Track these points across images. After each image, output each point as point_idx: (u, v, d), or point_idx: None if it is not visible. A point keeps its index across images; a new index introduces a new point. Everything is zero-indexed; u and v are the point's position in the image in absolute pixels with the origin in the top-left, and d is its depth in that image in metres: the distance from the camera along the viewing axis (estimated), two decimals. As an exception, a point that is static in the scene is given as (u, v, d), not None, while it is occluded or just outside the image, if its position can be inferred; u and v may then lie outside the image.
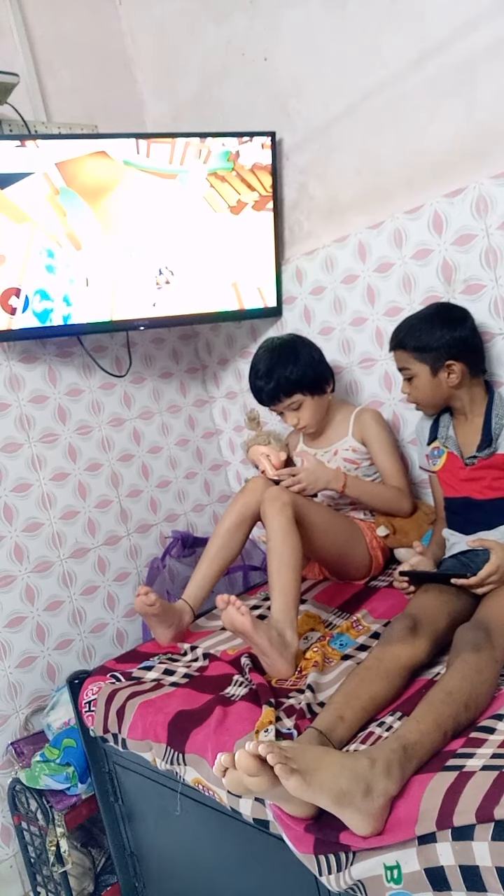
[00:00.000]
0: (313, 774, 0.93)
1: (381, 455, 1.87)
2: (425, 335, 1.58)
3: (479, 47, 1.62)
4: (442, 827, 0.90)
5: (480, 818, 0.87)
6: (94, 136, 1.94)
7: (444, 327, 1.58)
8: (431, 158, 1.78)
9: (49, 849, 1.74)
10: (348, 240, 2.00)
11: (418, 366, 1.60)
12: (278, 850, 1.18)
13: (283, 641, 1.43)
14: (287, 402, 1.85)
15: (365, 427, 1.89)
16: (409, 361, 1.62)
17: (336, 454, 1.92)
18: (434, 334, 1.57)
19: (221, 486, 2.61)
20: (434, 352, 1.57)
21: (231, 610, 1.39)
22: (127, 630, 2.22)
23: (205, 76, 2.29)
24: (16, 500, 2.02)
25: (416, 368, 1.60)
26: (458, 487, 1.60)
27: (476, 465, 1.57)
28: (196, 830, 1.42)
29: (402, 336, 1.63)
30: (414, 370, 1.61)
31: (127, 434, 2.33)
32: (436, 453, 1.67)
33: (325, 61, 1.94)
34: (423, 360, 1.59)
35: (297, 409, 1.87)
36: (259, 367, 1.85)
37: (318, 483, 1.75)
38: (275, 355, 1.84)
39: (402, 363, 1.64)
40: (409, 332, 1.62)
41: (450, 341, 1.56)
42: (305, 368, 1.82)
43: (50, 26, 2.24)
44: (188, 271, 2.11)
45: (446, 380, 1.58)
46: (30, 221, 1.86)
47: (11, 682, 1.95)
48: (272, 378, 1.82)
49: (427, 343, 1.58)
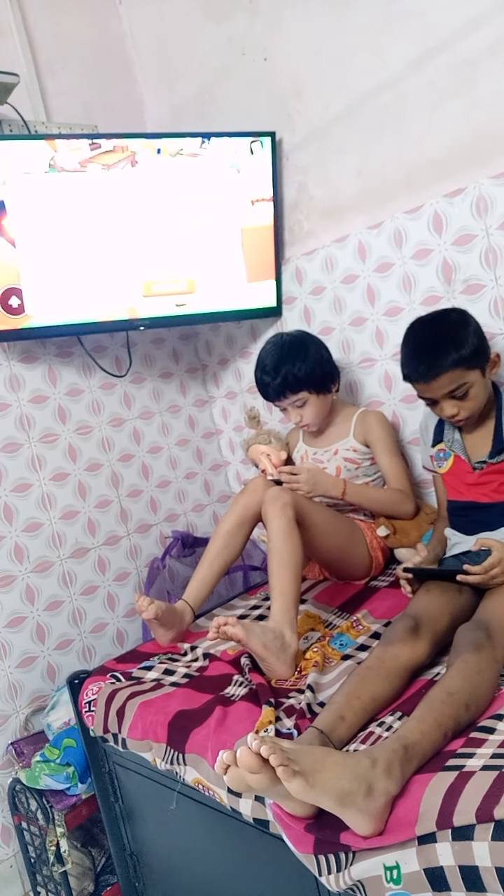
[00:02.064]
0: (315, 776, 0.93)
1: (385, 457, 1.87)
2: (464, 341, 1.46)
3: (479, 47, 1.62)
4: (442, 827, 0.90)
5: (480, 818, 0.87)
6: (94, 136, 1.94)
7: (468, 325, 1.49)
8: (431, 158, 1.78)
9: (49, 849, 1.74)
10: (348, 240, 2.00)
11: (472, 374, 1.47)
12: (278, 851, 1.18)
13: (281, 642, 1.43)
14: (292, 399, 1.84)
15: (369, 429, 1.89)
16: (462, 376, 1.47)
17: (336, 454, 1.92)
18: (471, 336, 1.47)
19: (221, 487, 2.61)
20: (481, 351, 1.48)
21: (223, 629, 1.40)
22: (127, 630, 2.22)
23: (205, 76, 2.29)
24: (16, 500, 2.02)
25: (472, 378, 1.47)
26: (463, 491, 1.57)
27: (485, 469, 1.52)
28: (196, 831, 1.42)
29: (444, 355, 1.47)
30: (470, 380, 1.47)
31: (127, 434, 2.33)
32: (441, 455, 1.62)
33: (325, 61, 1.94)
34: (474, 366, 1.47)
35: (301, 407, 1.86)
36: (266, 361, 1.84)
37: (318, 489, 1.75)
38: (283, 351, 1.83)
39: (455, 382, 1.47)
40: (448, 347, 1.47)
41: (480, 333, 1.49)
42: (313, 366, 1.82)
43: (50, 26, 2.24)
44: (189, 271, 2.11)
45: (490, 375, 1.51)
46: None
47: (11, 682, 1.95)
48: (279, 374, 1.81)
49: (474, 347, 1.46)
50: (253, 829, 1.22)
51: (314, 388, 1.83)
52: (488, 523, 1.52)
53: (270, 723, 1.22)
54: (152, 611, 1.61)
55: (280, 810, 1.03)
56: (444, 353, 1.45)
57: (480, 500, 1.54)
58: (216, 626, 1.40)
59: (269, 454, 1.90)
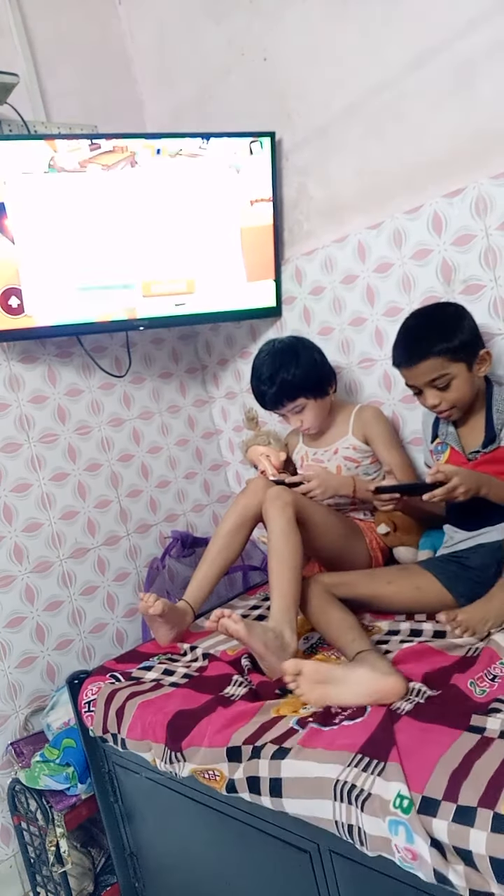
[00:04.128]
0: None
1: (386, 450, 1.87)
2: (452, 332, 1.49)
3: (479, 47, 1.62)
4: (448, 799, 0.92)
5: (482, 804, 0.88)
6: (93, 136, 1.94)
7: (462, 319, 1.52)
8: (431, 158, 1.78)
9: (49, 849, 1.74)
10: (348, 240, 2.00)
11: (455, 366, 1.50)
12: (278, 850, 1.19)
13: (281, 642, 1.43)
14: (290, 406, 1.85)
15: (366, 425, 1.89)
16: (444, 366, 1.49)
17: (336, 453, 1.92)
18: (460, 328, 1.50)
19: (221, 487, 2.61)
20: (469, 346, 1.50)
21: (223, 621, 1.40)
22: (126, 630, 2.22)
23: (205, 76, 2.29)
24: (16, 500, 2.02)
25: (454, 370, 1.50)
26: None
27: (478, 459, 1.56)
28: (195, 830, 1.42)
29: (427, 343, 1.51)
30: (452, 372, 1.50)
31: (127, 434, 2.33)
32: (439, 449, 1.66)
33: (325, 61, 1.94)
34: (459, 358, 1.49)
35: (300, 412, 1.86)
36: (262, 371, 1.85)
37: (329, 490, 1.75)
38: (276, 359, 1.83)
39: (436, 371, 1.51)
40: (433, 335, 1.51)
41: (474, 329, 1.51)
42: (308, 371, 1.82)
43: (50, 26, 2.24)
44: (188, 271, 2.11)
45: (478, 372, 1.52)
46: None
47: (11, 682, 1.95)
48: (275, 383, 1.81)
49: (461, 338, 1.49)
50: (252, 829, 1.22)
51: (311, 393, 1.84)
52: (489, 516, 1.53)
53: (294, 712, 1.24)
54: (159, 606, 1.61)
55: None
56: (427, 341, 1.50)
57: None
58: (216, 618, 1.41)
59: (269, 455, 1.90)
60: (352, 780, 1.02)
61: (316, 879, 1.14)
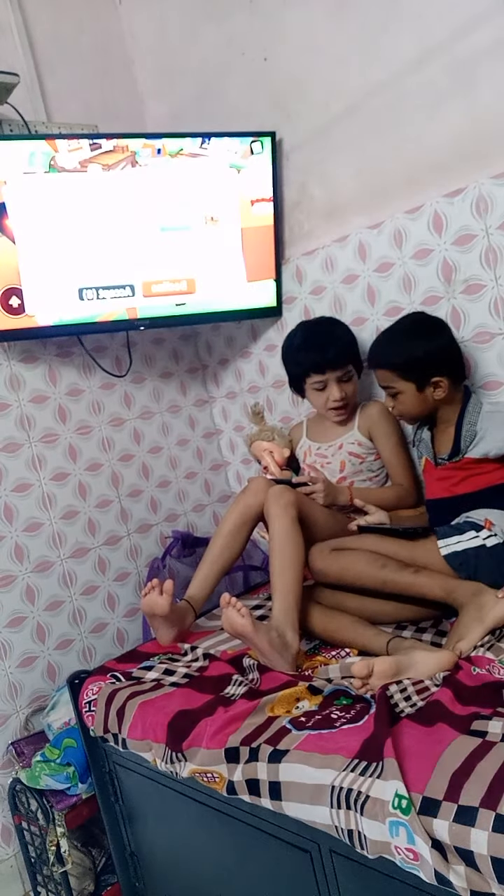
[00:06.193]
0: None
1: (388, 450, 1.88)
2: (406, 351, 1.54)
3: (479, 47, 1.62)
4: (448, 799, 0.91)
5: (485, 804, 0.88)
6: (94, 135, 1.94)
7: (424, 340, 1.55)
8: (431, 158, 1.78)
9: (49, 849, 1.74)
10: (348, 240, 2.00)
11: (403, 384, 1.56)
12: (278, 850, 1.19)
13: (283, 642, 1.43)
14: (344, 371, 1.85)
15: (371, 421, 1.89)
16: (392, 380, 1.57)
17: (341, 448, 1.91)
18: (416, 349, 1.54)
19: (222, 486, 2.61)
20: (419, 369, 1.53)
21: (231, 612, 1.40)
22: (127, 630, 2.22)
23: (205, 76, 2.28)
24: (16, 500, 2.02)
25: (401, 386, 1.57)
26: (431, 487, 1.64)
27: (446, 465, 1.59)
28: (196, 830, 1.42)
29: (382, 354, 1.58)
30: (398, 388, 1.57)
31: (127, 434, 2.33)
32: (418, 454, 1.72)
33: (325, 61, 1.94)
34: (408, 377, 1.55)
35: (346, 382, 1.86)
36: (315, 338, 1.85)
37: (330, 497, 1.78)
38: (325, 325, 1.88)
39: (386, 381, 1.60)
40: (388, 349, 1.57)
41: (433, 355, 1.54)
42: (354, 340, 1.87)
43: (50, 26, 2.24)
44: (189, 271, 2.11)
45: (432, 394, 1.57)
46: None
47: (12, 682, 1.95)
48: (333, 343, 1.83)
49: (410, 360, 1.54)
50: (252, 828, 1.22)
51: (356, 364, 1.87)
52: (449, 522, 1.56)
53: (298, 700, 1.25)
54: (166, 605, 1.60)
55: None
56: (383, 353, 1.59)
57: (444, 494, 1.59)
58: (224, 602, 1.43)
59: (272, 451, 1.89)
60: (348, 784, 1.01)
61: (316, 879, 1.14)
